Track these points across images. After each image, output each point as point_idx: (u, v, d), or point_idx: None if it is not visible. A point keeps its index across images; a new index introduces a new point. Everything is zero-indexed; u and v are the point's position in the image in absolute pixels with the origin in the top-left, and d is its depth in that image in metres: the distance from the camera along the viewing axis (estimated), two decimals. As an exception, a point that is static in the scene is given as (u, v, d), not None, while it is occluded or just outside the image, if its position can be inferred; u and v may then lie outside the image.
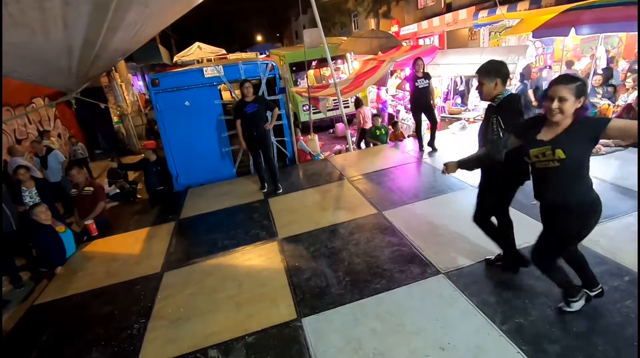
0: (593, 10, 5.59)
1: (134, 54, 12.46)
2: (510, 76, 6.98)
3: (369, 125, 7.34)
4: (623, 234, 2.95)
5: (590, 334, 2.10)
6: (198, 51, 16.15)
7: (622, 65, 7.76)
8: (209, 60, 14.61)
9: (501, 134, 2.24)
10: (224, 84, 5.53)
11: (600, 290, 2.26)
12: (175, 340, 2.58)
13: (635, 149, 4.54)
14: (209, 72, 5.34)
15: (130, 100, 10.92)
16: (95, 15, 2.95)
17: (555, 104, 1.81)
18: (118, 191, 6.55)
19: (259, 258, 3.45)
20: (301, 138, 6.74)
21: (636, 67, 6.44)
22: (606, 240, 2.89)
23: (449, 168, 2.43)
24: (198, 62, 14.21)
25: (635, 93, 4.98)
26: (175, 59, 16.63)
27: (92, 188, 4.54)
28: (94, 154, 10.36)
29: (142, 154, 5.48)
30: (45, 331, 2.89)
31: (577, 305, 2.21)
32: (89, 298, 3.24)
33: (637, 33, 3.79)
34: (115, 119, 10.96)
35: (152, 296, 3.10)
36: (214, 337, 2.54)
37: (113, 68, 9.56)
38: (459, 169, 2.41)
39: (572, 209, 1.97)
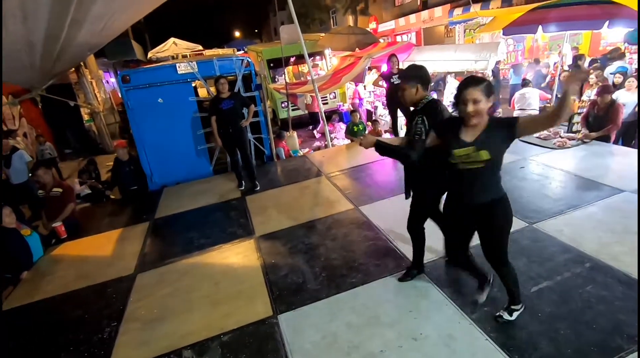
0: (559, 8, 5.81)
1: (105, 49, 12.01)
2: (483, 72, 7.23)
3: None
4: (586, 223, 3.09)
5: (553, 319, 2.19)
6: (173, 46, 15.79)
7: (587, 62, 8.11)
8: (184, 56, 14.30)
9: (423, 135, 2.19)
10: (199, 80, 5.42)
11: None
12: (148, 342, 2.53)
13: (600, 143, 4.77)
14: (183, 68, 5.22)
15: (101, 97, 10.52)
16: (57, 7, 2.81)
17: (471, 107, 1.80)
18: (89, 191, 6.33)
19: (235, 256, 3.42)
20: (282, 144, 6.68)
21: (598, 64, 6.74)
22: (570, 229, 3.02)
23: (364, 142, 2.24)
24: (173, 58, 13.88)
25: (595, 90, 5.20)
26: (149, 55, 16.18)
27: (60, 189, 4.37)
28: (64, 154, 9.95)
29: (115, 154, 5.32)
30: (11, 339, 2.77)
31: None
32: (57, 303, 3.12)
33: (635, 30, 3.91)
34: (86, 117, 10.55)
35: (125, 298, 3.02)
36: (189, 337, 2.50)
37: (82, 64, 9.19)
38: (373, 149, 2.25)
39: (498, 206, 1.98)
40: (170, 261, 3.48)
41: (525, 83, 6.48)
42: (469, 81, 1.85)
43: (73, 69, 8.94)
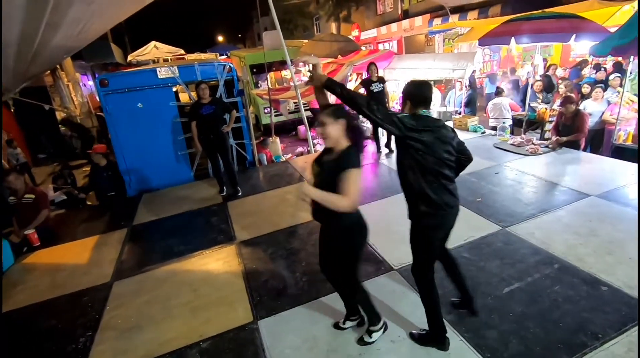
0: (531, 21, 6.08)
1: (83, 52, 11.74)
2: (461, 81, 7.46)
3: None
4: (555, 226, 3.25)
5: (523, 318, 2.29)
6: (154, 50, 15.56)
7: (560, 73, 8.51)
8: (165, 60, 14.12)
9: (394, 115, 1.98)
10: (180, 85, 5.38)
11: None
12: (125, 351, 2.48)
13: (569, 150, 5.00)
14: (163, 73, 5.17)
15: (78, 101, 10.24)
16: (33, 9, 2.76)
17: (320, 129, 1.88)
18: (65, 197, 6.13)
19: (216, 262, 3.40)
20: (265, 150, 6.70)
21: (566, 76, 7.09)
22: (540, 232, 3.16)
23: (315, 76, 2.06)
24: (154, 62, 13.69)
25: (559, 101, 5.47)
26: (129, 58, 15.88)
27: (33, 195, 4.23)
28: (38, 159, 9.61)
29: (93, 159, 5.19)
30: (-23, 351, 2.66)
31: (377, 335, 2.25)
32: (29, 313, 3.02)
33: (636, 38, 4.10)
34: (62, 121, 10.24)
35: (101, 307, 2.95)
36: (168, 344, 2.47)
37: (58, 67, 8.94)
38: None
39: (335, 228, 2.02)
40: (148, 268, 3.42)
41: (498, 92, 6.73)
42: (322, 107, 1.94)
43: (48, 71, 8.69)
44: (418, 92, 2.05)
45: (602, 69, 7.17)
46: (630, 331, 2.10)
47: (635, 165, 4.23)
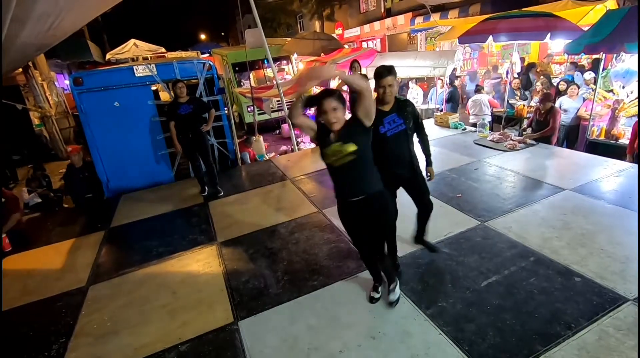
0: (507, 20, 6.21)
1: (59, 50, 11.31)
2: (442, 79, 7.56)
3: None
4: (531, 220, 3.32)
5: (500, 311, 2.33)
6: (134, 48, 15.17)
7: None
8: (145, 58, 13.80)
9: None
10: (159, 83, 5.26)
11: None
12: (100, 356, 2.41)
13: (546, 146, 5.13)
14: (140, 71, 5.05)
15: (54, 101, 9.88)
16: (-4, 4, 2.64)
17: (332, 115, 2.01)
18: (40, 200, 5.92)
19: (196, 263, 3.34)
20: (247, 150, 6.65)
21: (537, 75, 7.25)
22: (517, 226, 3.23)
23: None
24: (133, 60, 13.35)
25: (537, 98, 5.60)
26: (108, 56, 15.44)
27: (2, 199, 4.06)
28: (12, 161, 9.25)
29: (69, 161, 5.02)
30: (-58, 363, 2.54)
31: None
32: (-2, 321, 2.90)
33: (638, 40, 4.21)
34: (36, 121, 9.88)
35: (75, 312, 2.86)
36: (145, 349, 2.41)
37: (31, 65, 8.61)
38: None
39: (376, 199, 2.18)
40: (125, 271, 3.33)
41: (477, 89, 6.84)
42: (325, 93, 2.04)
43: (20, 69, 8.36)
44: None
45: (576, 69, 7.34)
46: (601, 320, 2.16)
47: (609, 159, 4.37)
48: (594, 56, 6.79)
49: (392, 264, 2.71)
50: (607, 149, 5.03)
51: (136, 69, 5.05)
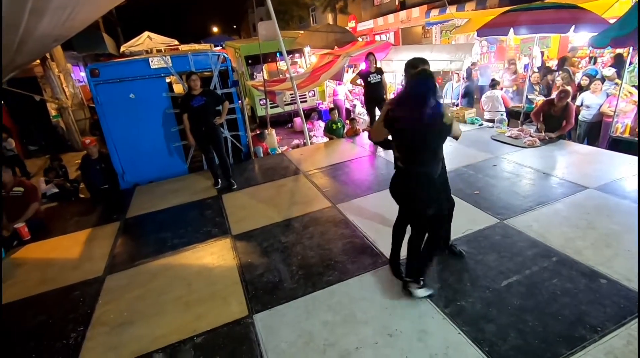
0: (529, 12, 6.01)
1: (74, 42, 11.47)
2: (459, 73, 7.38)
3: None
4: (553, 219, 3.22)
5: (521, 312, 2.27)
6: (148, 41, 15.26)
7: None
8: (159, 51, 13.87)
9: None
10: (173, 75, 5.26)
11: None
12: (117, 346, 2.43)
13: (566, 142, 4.98)
14: (156, 63, 5.05)
15: (70, 92, 10.02)
16: (15, -5, 2.65)
17: None
18: (57, 190, 6.03)
19: (210, 256, 3.34)
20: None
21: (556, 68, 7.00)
22: (538, 225, 3.13)
23: None
24: (147, 52, 13.43)
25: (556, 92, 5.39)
26: (122, 49, 15.58)
27: (21, 188, 4.13)
28: (29, 151, 9.45)
29: (85, 152, 5.08)
30: (-35, 348, 2.60)
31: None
32: (18, 309, 2.95)
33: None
34: (53, 112, 10.05)
35: (93, 301, 2.89)
36: (160, 340, 2.42)
37: (48, 57, 8.73)
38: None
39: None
40: (141, 262, 3.36)
41: (492, 84, 6.67)
42: None
43: (38, 61, 8.48)
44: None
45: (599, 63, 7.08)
46: (630, 324, 2.08)
47: (633, 157, 4.21)
48: (617, 51, 6.55)
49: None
50: (631, 146, 4.84)
51: (151, 61, 5.05)
